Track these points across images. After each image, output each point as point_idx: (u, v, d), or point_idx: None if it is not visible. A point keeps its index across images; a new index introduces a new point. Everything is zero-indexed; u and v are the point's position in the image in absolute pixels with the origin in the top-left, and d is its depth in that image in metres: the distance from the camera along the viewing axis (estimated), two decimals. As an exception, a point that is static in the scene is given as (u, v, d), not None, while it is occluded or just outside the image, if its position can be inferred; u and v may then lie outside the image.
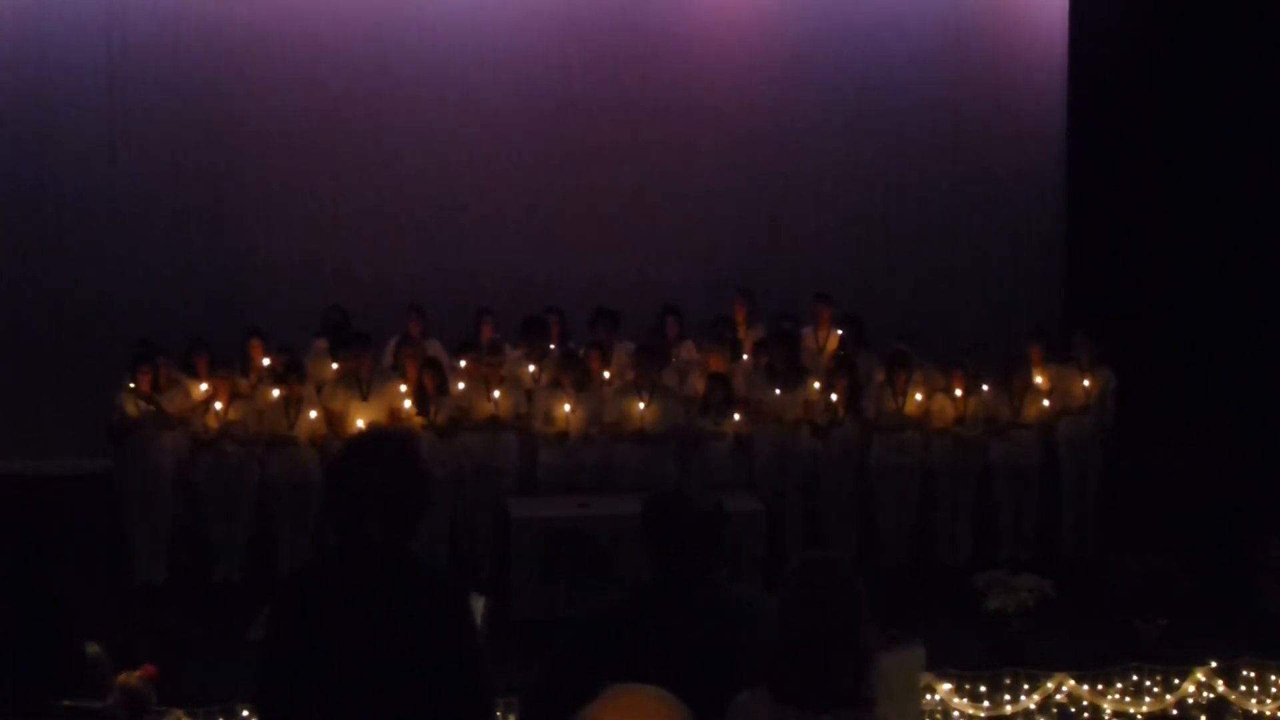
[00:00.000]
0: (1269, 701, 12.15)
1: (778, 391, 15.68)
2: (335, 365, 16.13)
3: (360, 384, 15.32)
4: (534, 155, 19.22)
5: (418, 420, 15.19)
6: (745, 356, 16.72)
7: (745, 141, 19.57)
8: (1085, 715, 12.06)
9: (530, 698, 6.00)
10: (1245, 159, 17.45)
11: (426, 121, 18.97)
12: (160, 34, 18.42)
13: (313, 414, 15.06)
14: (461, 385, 15.54)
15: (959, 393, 15.77)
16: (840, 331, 17.22)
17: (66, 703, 8.25)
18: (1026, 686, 11.98)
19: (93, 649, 8.48)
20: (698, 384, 15.89)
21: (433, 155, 18.98)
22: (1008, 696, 11.92)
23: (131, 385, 15.13)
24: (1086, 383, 16.01)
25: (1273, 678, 12.23)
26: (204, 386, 15.44)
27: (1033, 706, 11.94)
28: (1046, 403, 15.94)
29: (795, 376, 15.82)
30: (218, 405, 15.17)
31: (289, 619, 5.51)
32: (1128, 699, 12.08)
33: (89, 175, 18.41)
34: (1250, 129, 17.46)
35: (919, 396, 15.78)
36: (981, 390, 15.87)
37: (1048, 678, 12.04)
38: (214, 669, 11.44)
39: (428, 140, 18.97)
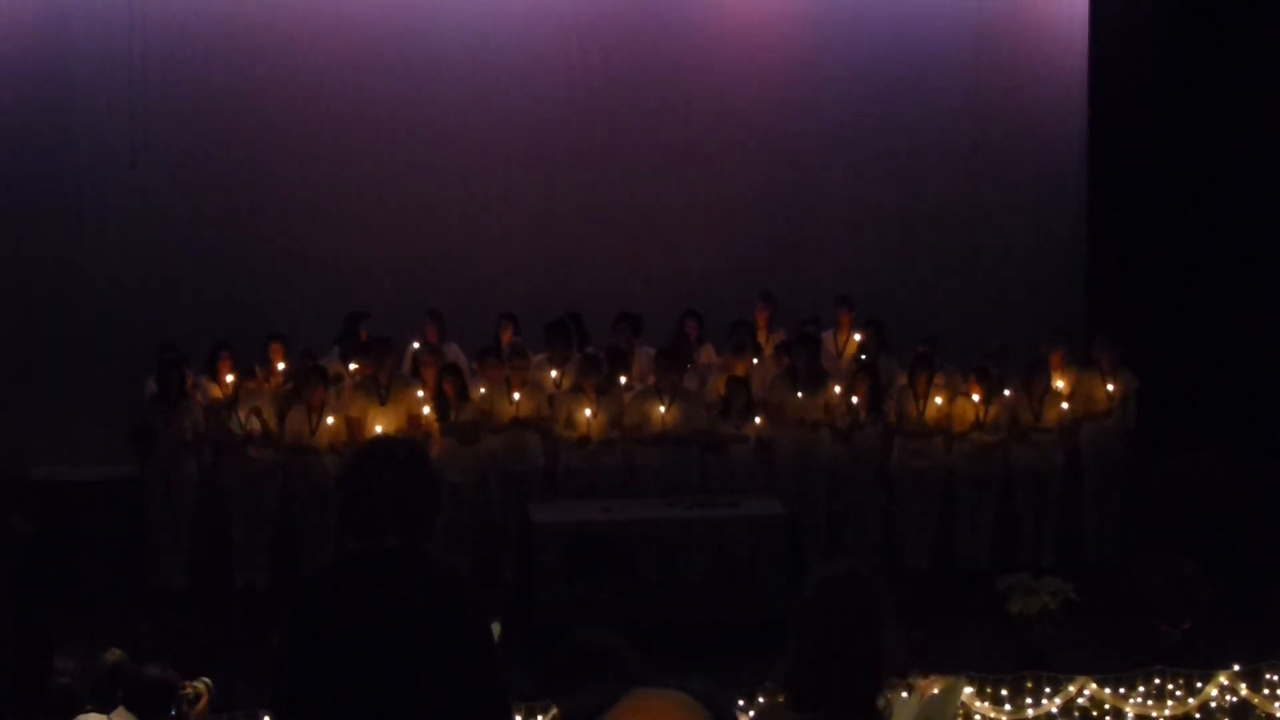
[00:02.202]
0: (1292, 705, 12.13)
1: (799, 395, 15.68)
2: (353, 368, 16.16)
3: (379, 389, 15.34)
4: (554, 159, 19.20)
5: (437, 425, 15.20)
6: (755, 360, 16.65)
7: (766, 146, 19.53)
8: (1107, 719, 12.05)
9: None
10: (1266, 162, 17.42)
11: (447, 125, 18.96)
12: (181, 38, 18.42)
13: (329, 420, 15.08)
14: (483, 389, 15.56)
15: (978, 397, 15.73)
16: (858, 336, 17.21)
17: None
18: (1049, 690, 11.98)
19: (158, 670, 8.53)
20: (718, 387, 15.89)
21: (453, 159, 18.96)
22: (1030, 700, 11.92)
23: (156, 391, 15.22)
24: (1110, 387, 15.97)
25: (1296, 681, 12.21)
26: (229, 379, 15.53)
27: (1055, 710, 11.95)
28: (1066, 406, 15.92)
29: (816, 380, 15.81)
30: (240, 413, 15.22)
31: (306, 623, 5.52)
32: (1150, 702, 12.08)
33: (110, 179, 18.40)
34: (1271, 132, 17.43)
35: (939, 400, 15.76)
36: (1002, 394, 15.83)
37: (1070, 681, 12.04)
38: (237, 674, 11.47)
39: (448, 144, 18.94)
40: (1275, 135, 17.41)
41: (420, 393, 15.35)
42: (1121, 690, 12.11)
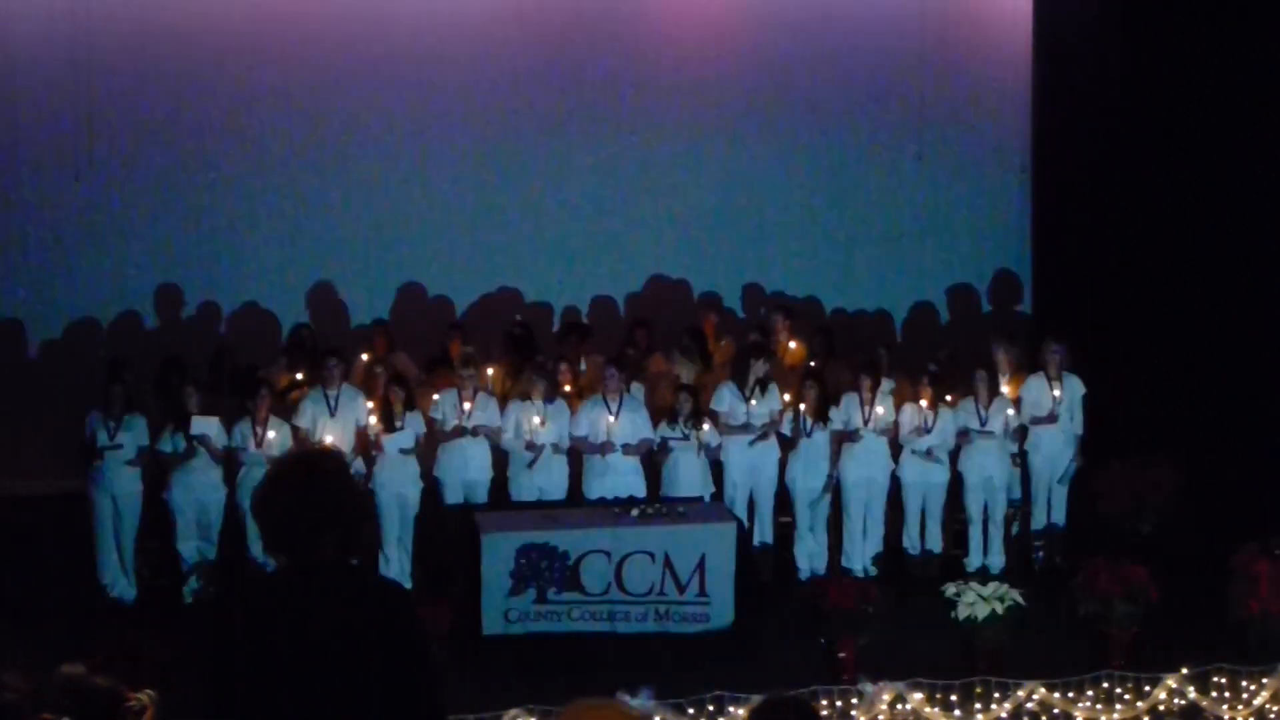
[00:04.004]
0: (1241, 708, 12.18)
1: (751, 402, 15.69)
2: (299, 378, 16.16)
3: (328, 401, 15.30)
4: (502, 168, 19.14)
5: (384, 436, 15.18)
6: (704, 368, 16.68)
7: (714, 154, 19.52)
8: (1057, 723, 12.10)
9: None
10: (1213, 167, 17.47)
11: (394, 135, 18.89)
12: (127, 50, 18.30)
13: (271, 434, 15.04)
14: (436, 398, 15.55)
15: (926, 403, 15.77)
16: (794, 344, 17.25)
17: None
18: (998, 695, 12.00)
19: (105, 682, 8.43)
20: (667, 396, 15.90)
21: (403, 170, 18.87)
22: (979, 706, 11.95)
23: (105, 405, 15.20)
24: (1056, 393, 16.02)
25: (1244, 684, 12.27)
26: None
27: (1004, 715, 11.98)
28: (1012, 412, 15.95)
29: (763, 387, 15.82)
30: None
31: (243, 637, 5.48)
32: (1099, 707, 12.11)
33: (57, 194, 18.28)
34: (1218, 133, 17.49)
35: (880, 410, 15.77)
36: (949, 400, 15.87)
37: (1019, 686, 12.07)
38: (185, 687, 11.40)
39: (398, 155, 18.86)
40: (1222, 137, 17.47)
41: (369, 404, 15.33)
42: (1071, 695, 12.15)
